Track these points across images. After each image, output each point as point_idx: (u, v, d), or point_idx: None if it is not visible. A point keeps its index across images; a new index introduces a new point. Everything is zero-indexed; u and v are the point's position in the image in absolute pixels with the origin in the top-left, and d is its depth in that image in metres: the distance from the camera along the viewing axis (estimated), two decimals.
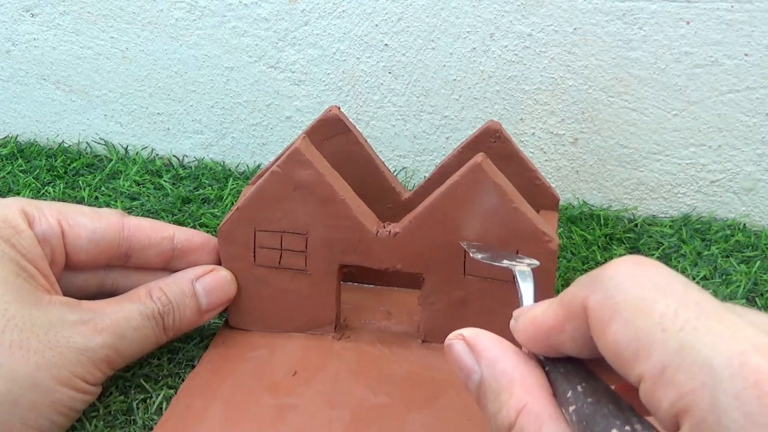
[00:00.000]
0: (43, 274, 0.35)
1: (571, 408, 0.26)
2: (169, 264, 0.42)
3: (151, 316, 0.38)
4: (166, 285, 0.40)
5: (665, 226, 0.65)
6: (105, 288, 0.42)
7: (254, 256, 0.44)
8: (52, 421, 0.32)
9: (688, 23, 0.61)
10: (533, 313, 0.29)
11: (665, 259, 0.60)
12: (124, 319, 0.37)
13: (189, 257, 0.42)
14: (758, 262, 0.58)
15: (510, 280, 0.43)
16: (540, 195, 0.49)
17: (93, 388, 0.35)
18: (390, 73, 0.68)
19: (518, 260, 0.36)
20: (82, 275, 0.41)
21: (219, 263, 0.44)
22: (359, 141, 0.48)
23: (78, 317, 0.34)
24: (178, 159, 0.75)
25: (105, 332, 0.35)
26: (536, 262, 0.36)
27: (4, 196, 0.68)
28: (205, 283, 0.42)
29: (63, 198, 0.66)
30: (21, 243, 0.35)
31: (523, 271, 0.33)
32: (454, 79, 0.67)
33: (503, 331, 0.38)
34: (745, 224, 0.65)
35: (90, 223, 0.38)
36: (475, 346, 0.29)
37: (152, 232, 0.41)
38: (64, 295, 0.37)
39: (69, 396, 0.33)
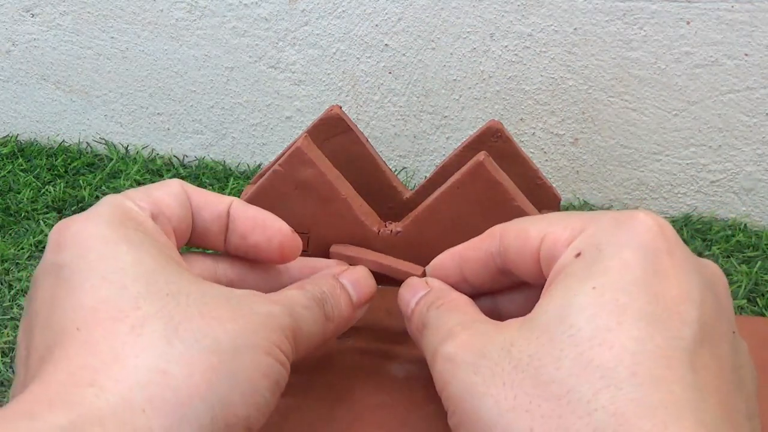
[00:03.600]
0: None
1: None
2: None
3: (312, 299, 0.35)
4: (313, 280, 0.37)
5: None
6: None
7: None
8: (265, 397, 0.28)
9: (688, 23, 0.61)
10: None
11: None
12: (291, 296, 0.34)
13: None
14: (759, 263, 0.58)
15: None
16: (542, 195, 0.49)
17: (287, 360, 0.31)
18: (390, 73, 0.68)
19: None
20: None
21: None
22: (361, 141, 0.48)
23: (245, 292, 0.32)
24: (178, 159, 0.75)
25: (280, 304, 0.32)
26: None
27: (4, 196, 0.68)
28: (349, 278, 0.39)
29: (63, 197, 0.66)
30: (162, 237, 0.33)
31: None
32: (455, 79, 0.67)
33: None
34: (745, 224, 0.65)
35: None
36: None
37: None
38: None
39: (271, 365, 0.29)
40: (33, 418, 0.22)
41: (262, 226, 0.35)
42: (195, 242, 0.34)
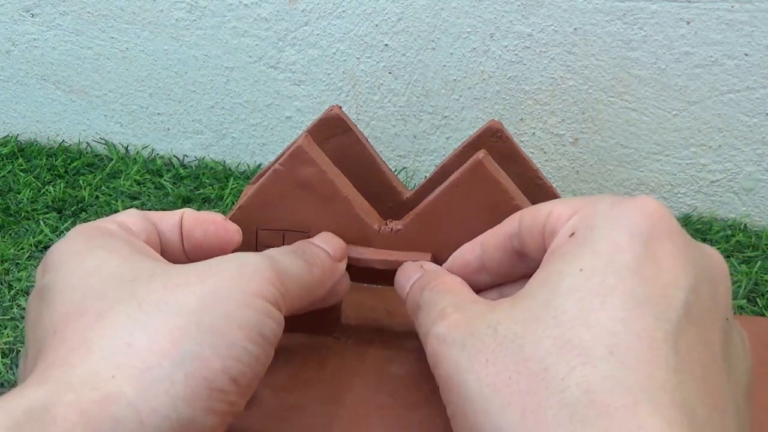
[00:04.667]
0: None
1: None
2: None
3: (287, 249, 0.35)
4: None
5: None
6: None
7: None
8: (244, 348, 0.28)
9: (688, 23, 0.61)
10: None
11: None
12: (266, 251, 0.35)
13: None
14: (759, 263, 0.58)
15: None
16: (541, 195, 0.49)
17: (274, 308, 0.32)
18: (390, 73, 0.68)
19: None
20: None
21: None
22: (360, 140, 0.48)
23: (221, 257, 0.32)
24: (178, 159, 0.75)
25: (255, 255, 0.33)
26: None
27: (4, 196, 0.68)
28: (318, 238, 0.39)
29: (63, 197, 0.66)
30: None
31: None
32: (455, 80, 0.67)
33: None
34: (745, 224, 0.65)
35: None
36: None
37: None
38: None
39: (248, 317, 0.30)
40: (7, 400, 0.23)
41: (201, 221, 0.36)
42: (164, 258, 0.35)
